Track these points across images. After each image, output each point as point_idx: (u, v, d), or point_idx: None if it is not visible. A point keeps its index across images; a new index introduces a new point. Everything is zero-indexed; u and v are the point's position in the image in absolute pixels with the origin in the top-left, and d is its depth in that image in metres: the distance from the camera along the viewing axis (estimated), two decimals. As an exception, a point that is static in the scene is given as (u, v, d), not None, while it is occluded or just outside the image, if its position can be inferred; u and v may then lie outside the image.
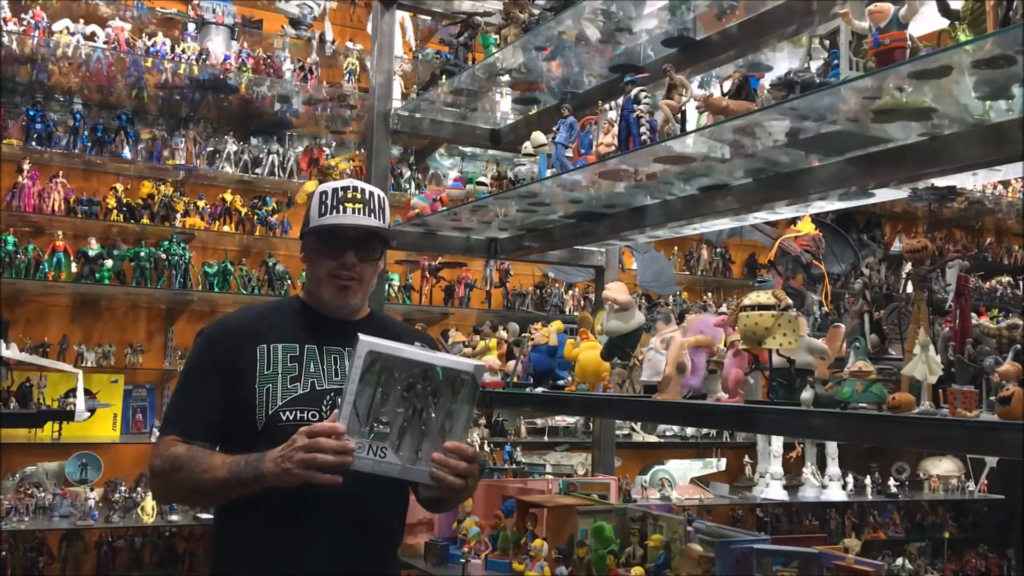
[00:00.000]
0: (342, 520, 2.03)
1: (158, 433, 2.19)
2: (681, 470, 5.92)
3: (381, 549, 2.17)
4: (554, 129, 2.72)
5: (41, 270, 4.72)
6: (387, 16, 3.65)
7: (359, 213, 2.13)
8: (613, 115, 2.47)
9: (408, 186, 5.74)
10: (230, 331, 2.17)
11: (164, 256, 4.97)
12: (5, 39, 4.55)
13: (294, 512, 1.99)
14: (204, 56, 5.01)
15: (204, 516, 4.68)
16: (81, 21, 4.83)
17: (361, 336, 1.86)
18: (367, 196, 2.16)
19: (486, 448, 5.23)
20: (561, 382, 2.76)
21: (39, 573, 4.56)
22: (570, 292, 6.20)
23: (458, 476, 1.89)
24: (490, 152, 5.61)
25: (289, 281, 5.28)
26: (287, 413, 2.04)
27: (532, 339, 2.87)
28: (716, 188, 2.59)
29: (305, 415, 2.04)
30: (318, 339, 2.15)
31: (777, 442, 5.83)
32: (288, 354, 2.11)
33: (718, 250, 6.60)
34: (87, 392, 4.50)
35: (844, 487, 6.01)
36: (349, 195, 2.14)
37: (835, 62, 1.88)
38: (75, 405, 4.40)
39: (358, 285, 2.16)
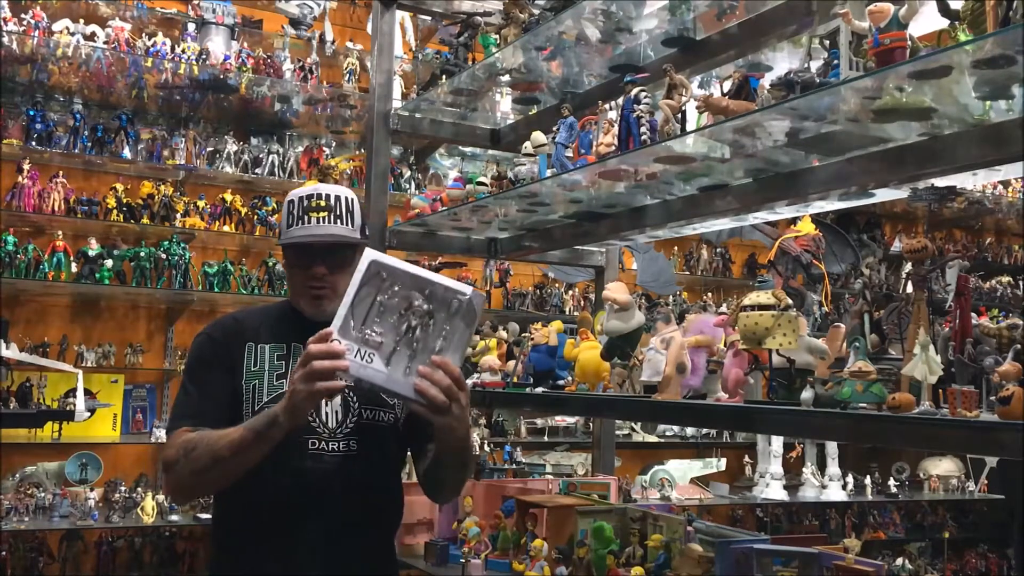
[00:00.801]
0: (337, 514, 2.03)
1: (165, 433, 2.17)
2: (681, 470, 5.92)
3: (377, 541, 2.17)
4: (554, 129, 2.72)
5: (41, 270, 4.72)
6: (387, 16, 3.65)
7: (324, 221, 2.10)
8: (613, 115, 2.47)
9: (408, 186, 5.74)
10: (226, 330, 2.18)
11: (164, 256, 4.97)
12: (5, 39, 4.55)
13: (289, 508, 2.00)
14: (204, 56, 5.01)
15: (204, 516, 4.68)
16: (81, 21, 4.83)
17: (367, 248, 1.91)
18: (332, 202, 2.12)
19: (486, 448, 5.22)
20: (561, 382, 2.76)
21: (39, 573, 4.56)
22: (570, 292, 6.20)
23: (444, 396, 1.83)
24: (490, 152, 5.60)
25: (289, 281, 5.28)
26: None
27: (532, 339, 2.86)
28: (716, 188, 2.59)
29: None
30: (304, 339, 2.13)
31: (777, 442, 5.83)
32: (275, 353, 2.12)
33: (718, 250, 6.60)
34: (87, 392, 4.50)
35: (844, 487, 6.01)
36: (313, 203, 2.11)
37: (835, 62, 1.88)
38: (75, 405, 4.40)
39: (332, 293, 2.12)
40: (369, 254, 1.89)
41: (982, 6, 1.64)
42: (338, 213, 2.13)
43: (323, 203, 2.12)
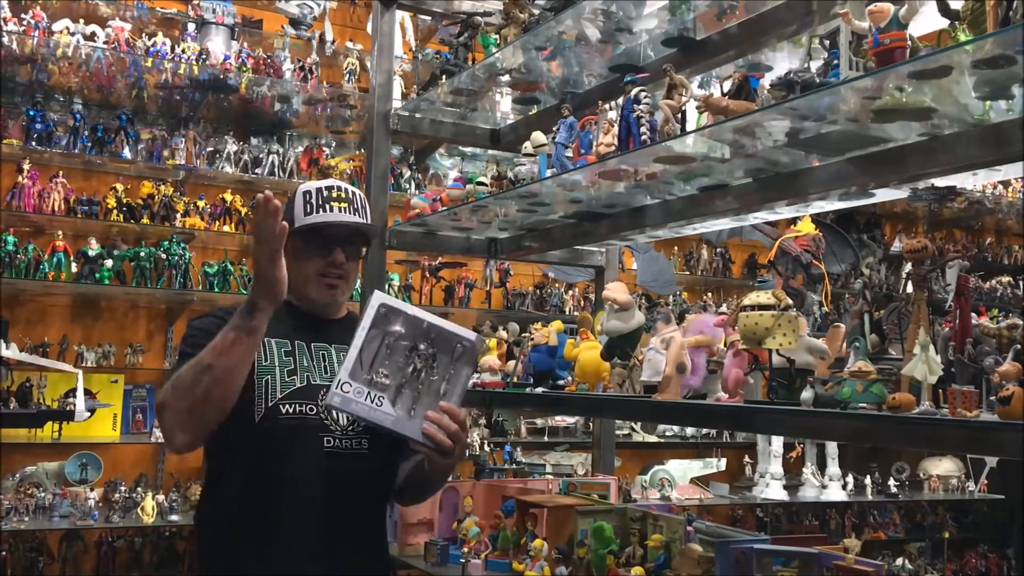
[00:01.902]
0: (345, 511, 2.04)
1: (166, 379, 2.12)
2: (681, 470, 5.92)
3: (378, 536, 2.19)
4: (554, 129, 2.72)
5: (41, 270, 4.72)
6: (387, 16, 3.65)
7: (345, 212, 2.16)
8: (613, 115, 2.47)
9: (408, 186, 5.74)
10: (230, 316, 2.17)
11: (164, 256, 4.97)
12: (5, 39, 4.55)
13: (275, 510, 1.99)
14: (204, 56, 5.00)
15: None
16: (81, 21, 4.83)
17: (376, 291, 1.98)
18: (350, 195, 2.19)
19: (486, 448, 5.23)
20: (561, 382, 2.76)
21: (39, 573, 4.56)
22: (570, 292, 6.20)
23: (450, 440, 1.92)
24: (490, 152, 5.61)
25: (289, 281, 5.27)
26: (286, 406, 2.04)
27: (532, 339, 2.86)
28: (716, 188, 2.59)
29: (303, 408, 2.04)
30: (306, 336, 2.16)
31: (777, 442, 5.83)
32: (282, 348, 2.11)
33: (718, 250, 6.59)
34: (87, 392, 4.50)
35: (844, 487, 6.01)
36: (334, 194, 2.16)
37: (835, 62, 1.88)
38: (75, 405, 4.40)
39: (344, 283, 2.19)
40: (378, 297, 1.95)
41: (982, 6, 1.64)
42: (356, 206, 2.19)
43: (343, 195, 2.18)
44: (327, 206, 2.14)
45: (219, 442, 2.01)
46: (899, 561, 5.98)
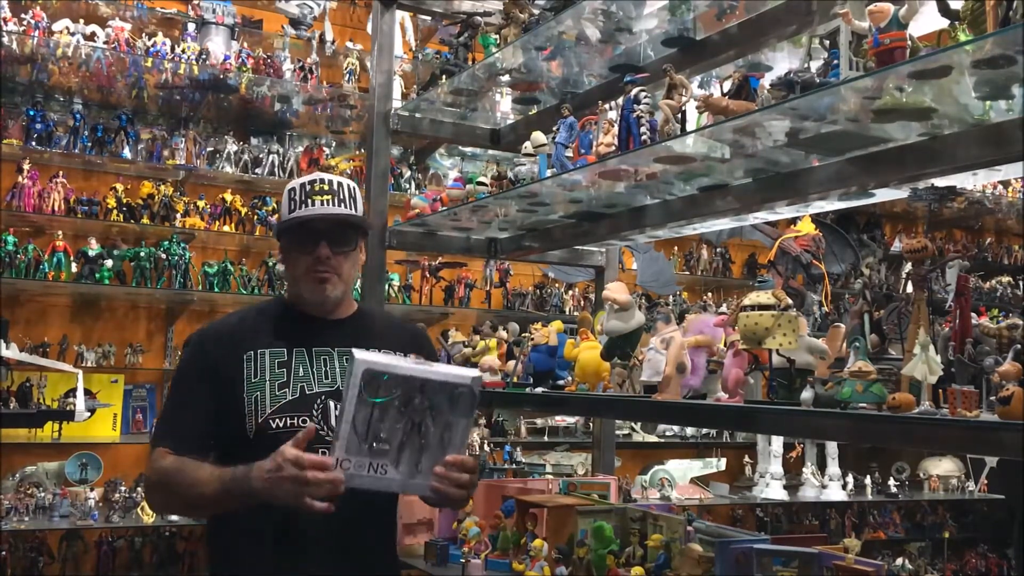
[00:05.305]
0: (347, 520, 2.02)
1: (150, 442, 2.16)
2: (681, 470, 5.92)
3: (384, 544, 2.18)
4: (554, 129, 2.72)
5: (41, 270, 4.72)
6: (387, 16, 3.66)
7: (328, 204, 2.11)
8: (613, 115, 2.47)
9: (408, 186, 5.74)
10: (216, 337, 2.15)
11: (164, 256, 4.97)
12: (5, 39, 4.55)
13: (287, 517, 1.98)
14: (204, 56, 5.00)
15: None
16: (81, 21, 4.83)
17: (356, 354, 1.81)
18: (335, 187, 2.14)
19: (486, 448, 5.22)
20: (561, 382, 2.76)
21: (39, 573, 4.56)
22: (570, 292, 6.20)
23: (459, 487, 1.88)
24: (490, 152, 5.61)
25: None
26: (277, 420, 2.02)
27: (532, 339, 2.86)
28: (716, 188, 2.59)
29: (295, 420, 2.01)
30: (306, 341, 2.12)
31: (777, 442, 5.83)
32: (276, 360, 2.08)
33: (718, 250, 6.59)
34: (87, 392, 4.50)
35: (844, 487, 6.01)
36: (316, 187, 2.12)
37: (835, 62, 1.88)
38: (75, 405, 4.40)
39: (336, 278, 2.13)
40: (360, 363, 1.79)
41: (982, 6, 1.64)
42: (341, 197, 2.14)
43: (326, 187, 2.13)
44: (308, 201, 2.11)
45: (221, 456, 2.01)
46: (899, 561, 5.98)
